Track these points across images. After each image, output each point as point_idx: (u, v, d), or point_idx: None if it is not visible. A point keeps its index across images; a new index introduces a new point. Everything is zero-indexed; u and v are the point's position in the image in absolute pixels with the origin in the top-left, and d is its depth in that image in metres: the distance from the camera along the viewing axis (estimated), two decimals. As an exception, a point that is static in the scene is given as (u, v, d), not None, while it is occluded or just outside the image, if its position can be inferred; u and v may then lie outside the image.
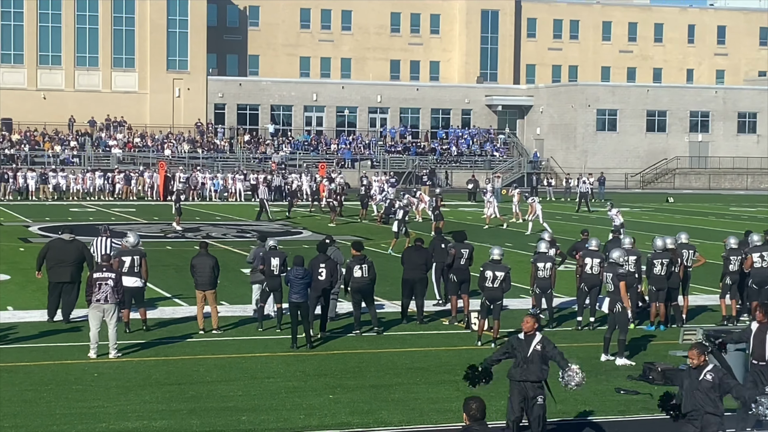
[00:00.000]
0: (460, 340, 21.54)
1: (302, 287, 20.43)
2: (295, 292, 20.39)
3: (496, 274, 20.88)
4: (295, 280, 20.43)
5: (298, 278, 20.45)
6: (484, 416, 9.97)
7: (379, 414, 15.62)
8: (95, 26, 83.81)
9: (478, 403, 9.96)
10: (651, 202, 69.99)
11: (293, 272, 20.55)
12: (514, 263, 27.53)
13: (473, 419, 9.97)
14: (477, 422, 9.96)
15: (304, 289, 20.46)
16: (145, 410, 15.61)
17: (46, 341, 20.58)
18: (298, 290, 20.40)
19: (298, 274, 20.51)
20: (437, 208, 43.33)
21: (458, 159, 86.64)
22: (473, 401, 9.98)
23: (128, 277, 21.51)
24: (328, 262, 21.63)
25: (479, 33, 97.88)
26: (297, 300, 20.39)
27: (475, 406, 9.95)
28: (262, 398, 16.44)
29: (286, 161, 79.41)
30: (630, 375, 18.41)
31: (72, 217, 49.83)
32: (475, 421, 9.97)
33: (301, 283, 20.42)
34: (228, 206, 61.40)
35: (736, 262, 24.19)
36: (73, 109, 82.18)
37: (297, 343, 20.34)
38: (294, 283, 20.42)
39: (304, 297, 20.46)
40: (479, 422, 9.97)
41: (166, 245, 36.74)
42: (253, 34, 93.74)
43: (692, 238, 26.52)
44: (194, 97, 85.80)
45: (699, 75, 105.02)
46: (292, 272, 20.59)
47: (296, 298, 20.39)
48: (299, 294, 20.39)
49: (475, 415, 9.95)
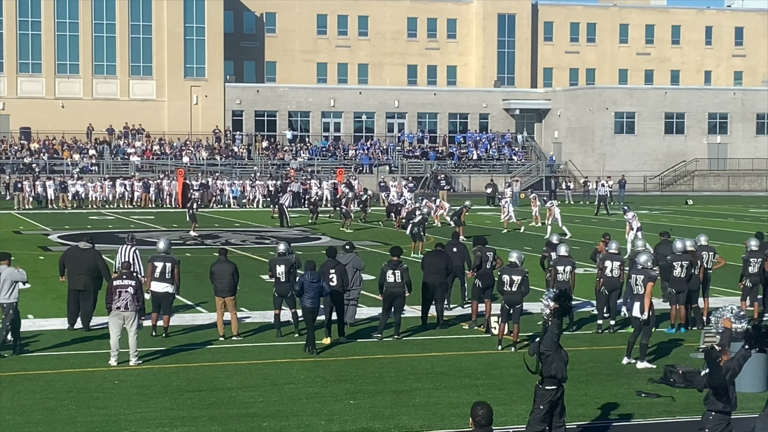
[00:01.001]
0: (480, 345, 21.50)
1: (315, 292, 20.44)
2: (309, 297, 20.39)
3: (513, 278, 20.86)
4: (308, 285, 20.44)
5: (313, 282, 20.46)
6: (490, 423, 10.03)
7: (400, 419, 15.60)
8: (113, 34, 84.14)
9: (485, 410, 10.05)
10: (670, 204, 69.76)
11: (307, 276, 20.56)
12: (534, 267, 27.47)
13: (478, 425, 10.01)
14: (482, 428, 10.00)
15: (317, 294, 20.48)
16: (165, 417, 15.63)
17: (67, 349, 20.63)
18: (312, 295, 20.41)
19: (313, 278, 20.51)
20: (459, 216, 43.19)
21: (477, 163, 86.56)
22: (480, 407, 10.06)
23: (158, 282, 21.66)
24: (337, 267, 21.65)
25: (496, 37, 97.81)
26: (311, 305, 20.40)
27: (482, 412, 10.03)
28: (283, 404, 16.44)
29: (304, 167, 79.52)
30: (651, 378, 18.35)
31: (91, 225, 49.99)
32: (481, 428, 10.01)
33: (315, 288, 20.43)
34: (247, 213, 61.51)
35: (756, 264, 24.10)
36: (92, 117, 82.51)
37: (316, 348, 20.34)
38: (307, 287, 20.43)
39: (317, 302, 20.47)
40: (485, 428, 10.00)
41: (185, 252, 36.82)
42: (270, 40, 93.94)
43: (712, 240, 26.42)
44: (212, 104, 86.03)
45: (717, 76, 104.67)
46: (305, 277, 20.60)
47: (310, 303, 20.39)
48: (313, 299, 20.40)
49: (480, 422, 10.02)
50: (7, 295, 20.07)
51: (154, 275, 21.83)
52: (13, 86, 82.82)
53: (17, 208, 61.74)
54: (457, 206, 46.27)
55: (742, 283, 24.24)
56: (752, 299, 24.31)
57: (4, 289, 20.09)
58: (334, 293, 21.34)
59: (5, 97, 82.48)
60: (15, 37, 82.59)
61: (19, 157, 76.26)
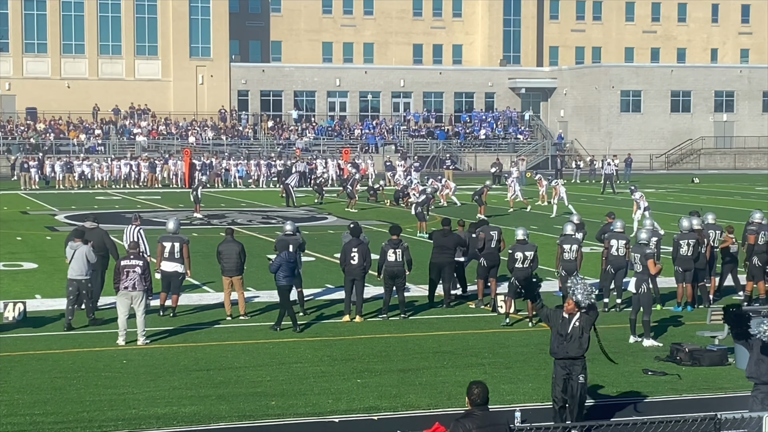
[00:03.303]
0: (486, 324, 21.55)
1: (291, 270, 20.67)
2: (285, 275, 20.57)
3: (526, 254, 21.05)
4: (285, 264, 20.53)
5: (290, 261, 20.57)
6: (486, 402, 10.08)
7: (407, 398, 15.65)
8: (118, 14, 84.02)
9: (480, 388, 10.10)
10: (676, 182, 69.68)
11: (283, 255, 20.67)
12: (541, 245, 27.45)
13: (474, 404, 10.06)
14: (479, 407, 10.05)
15: (292, 272, 20.72)
16: (173, 396, 15.69)
17: (75, 329, 20.70)
18: (288, 273, 20.63)
19: (289, 257, 20.62)
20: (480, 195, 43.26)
21: (483, 143, 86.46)
22: (476, 386, 10.11)
23: (168, 262, 21.79)
24: (360, 246, 21.71)
25: (502, 15, 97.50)
26: (287, 283, 20.64)
27: (477, 391, 10.08)
28: (291, 383, 16.50)
29: (310, 147, 79.49)
30: (657, 356, 18.38)
31: (98, 206, 50.05)
32: (477, 406, 10.05)
33: (290, 266, 20.61)
34: (253, 192, 61.54)
35: (763, 240, 24.10)
36: (97, 97, 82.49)
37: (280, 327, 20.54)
38: (285, 266, 20.53)
39: (292, 280, 20.76)
40: (481, 407, 10.05)
41: (192, 232, 36.86)
42: (275, 20, 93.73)
43: (718, 219, 26.40)
44: (217, 84, 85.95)
45: (723, 54, 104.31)
46: (283, 256, 20.69)
47: (286, 281, 20.62)
48: (288, 277, 20.64)
49: (475, 400, 10.07)
50: (81, 272, 20.84)
51: (164, 255, 21.91)
52: (18, 67, 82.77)
53: (24, 188, 61.84)
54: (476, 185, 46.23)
55: (749, 261, 24.20)
56: (757, 278, 24.27)
57: (78, 266, 20.82)
58: (357, 272, 21.42)
59: (11, 77, 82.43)
60: (20, 17, 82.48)
61: (26, 138, 76.29)
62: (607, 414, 14.68)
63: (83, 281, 20.86)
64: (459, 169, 78.05)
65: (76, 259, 20.91)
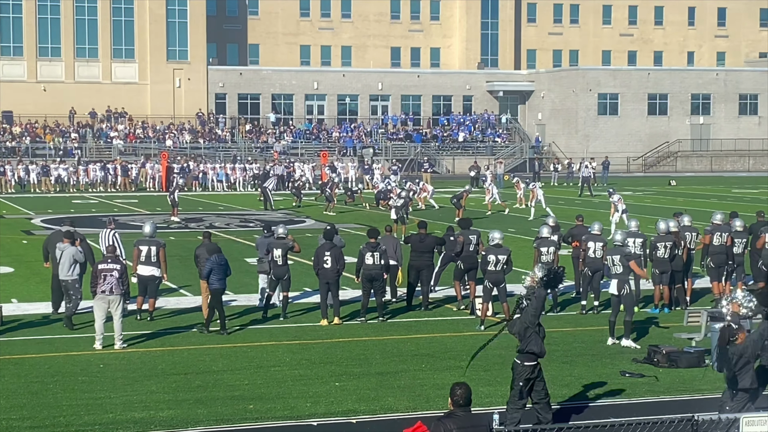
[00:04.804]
0: (465, 326, 21.58)
1: (223, 273, 20.74)
2: (218, 278, 20.63)
3: (499, 257, 20.97)
4: (217, 267, 20.56)
5: (221, 265, 20.61)
6: (469, 403, 10.09)
7: (386, 401, 15.66)
8: (94, 17, 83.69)
9: (463, 389, 10.11)
10: (653, 185, 69.96)
11: (215, 258, 20.73)
12: (517, 248, 27.55)
13: (456, 405, 10.07)
14: (461, 408, 10.06)
15: (225, 275, 20.79)
16: (151, 400, 15.65)
17: (52, 333, 20.62)
18: (221, 276, 20.69)
19: (221, 260, 20.71)
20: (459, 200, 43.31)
21: (461, 146, 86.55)
22: (458, 387, 10.12)
23: (144, 266, 21.76)
24: (333, 249, 21.71)
25: (479, 18, 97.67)
26: (220, 286, 20.67)
27: (460, 392, 10.09)
28: (269, 387, 16.48)
29: (287, 150, 79.38)
30: (635, 358, 18.46)
31: (74, 209, 49.85)
32: (459, 407, 10.06)
33: (223, 269, 20.70)
34: (231, 196, 61.43)
35: (740, 245, 24.26)
36: (74, 100, 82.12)
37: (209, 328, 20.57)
38: (216, 270, 20.58)
39: (224, 283, 20.83)
40: (463, 408, 10.06)
41: (169, 236, 36.77)
42: (252, 23, 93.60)
43: (695, 221, 26.53)
44: (195, 87, 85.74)
45: (700, 57, 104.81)
46: (214, 259, 20.75)
47: (219, 284, 20.67)
48: (221, 280, 20.70)
49: (458, 401, 10.08)
50: (70, 272, 20.94)
51: (140, 259, 21.87)
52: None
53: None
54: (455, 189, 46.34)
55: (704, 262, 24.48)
56: (737, 279, 24.42)
57: (66, 267, 20.96)
58: (331, 275, 21.43)
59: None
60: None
61: (1, 141, 75.89)
62: (584, 416, 14.72)
63: (71, 281, 20.88)
64: (437, 172, 78.11)
65: (65, 260, 20.86)
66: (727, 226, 24.44)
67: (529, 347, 13.79)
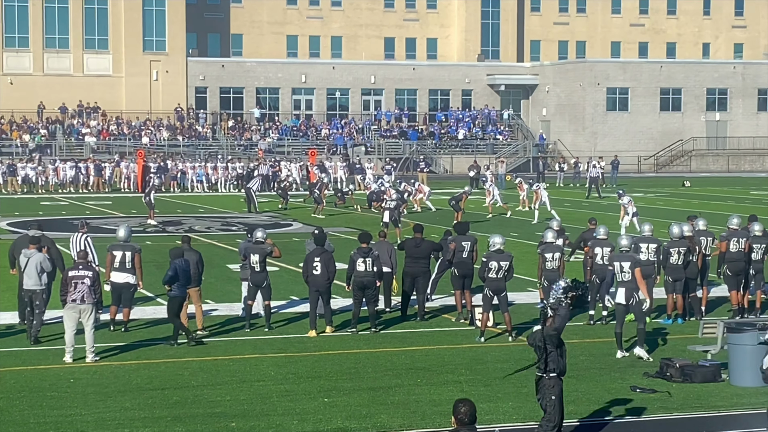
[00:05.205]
0: (464, 338, 21.58)
1: (186, 280, 20.76)
2: (181, 284, 20.62)
3: (501, 264, 20.96)
4: (181, 272, 20.61)
5: (185, 270, 20.63)
6: (474, 420, 10.10)
7: (378, 418, 15.65)
8: (65, 5, 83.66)
9: (468, 407, 10.12)
10: (666, 186, 70.07)
11: (178, 264, 20.71)
12: (521, 254, 27.58)
13: (461, 423, 10.08)
14: (466, 426, 10.07)
15: (187, 281, 20.80)
16: (125, 418, 15.62)
17: (18, 345, 20.59)
18: (184, 282, 20.70)
19: (183, 265, 20.69)
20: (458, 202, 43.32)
21: (460, 143, 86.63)
22: (462, 404, 10.14)
23: (119, 273, 21.70)
24: (323, 255, 21.71)
25: (480, 7, 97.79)
26: (181, 293, 20.72)
27: (464, 409, 10.10)
28: (252, 403, 16.47)
29: (273, 148, 79.40)
30: (646, 372, 18.46)
31: (43, 212, 49.80)
32: (464, 425, 10.07)
33: (186, 275, 20.74)
34: (212, 197, 61.42)
35: (760, 251, 24.24)
36: (43, 94, 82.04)
37: (178, 340, 20.58)
38: (180, 275, 20.65)
39: (185, 291, 20.82)
40: (468, 426, 10.06)
41: (146, 240, 36.74)
42: (235, 11, 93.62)
43: (711, 225, 26.56)
44: (173, 81, 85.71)
45: (716, 49, 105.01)
46: (179, 263, 20.74)
47: (180, 291, 20.69)
48: (183, 287, 20.72)
49: (463, 419, 10.10)
50: (37, 281, 20.75)
51: (114, 265, 21.82)
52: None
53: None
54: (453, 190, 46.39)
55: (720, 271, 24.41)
56: (756, 287, 24.41)
57: (32, 276, 20.76)
58: (321, 283, 21.45)
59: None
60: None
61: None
62: (593, 434, 14.74)
63: (38, 291, 20.68)
64: (434, 172, 78.19)
65: (31, 268, 20.72)
66: (745, 231, 24.38)
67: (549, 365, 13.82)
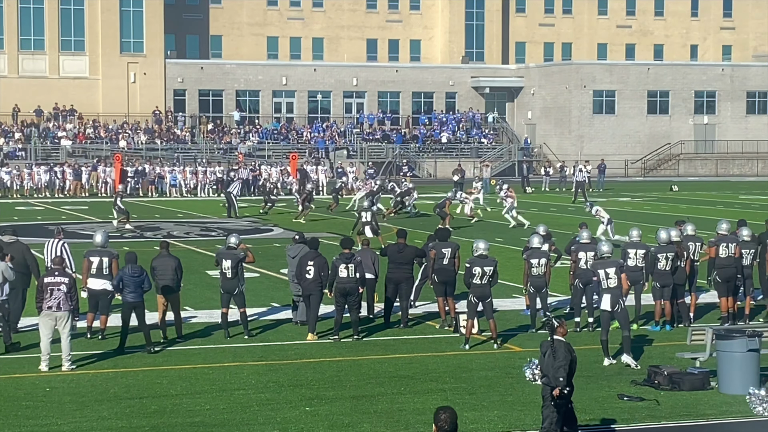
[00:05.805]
0: (448, 345, 21.58)
1: (137, 286, 20.63)
2: (130, 291, 20.56)
3: (485, 269, 20.93)
4: (128, 279, 20.54)
5: (134, 276, 20.57)
6: (455, 428, 10.14)
7: (361, 427, 15.65)
8: (41, 5, 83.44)
9: (448, 414, 10.16)
10: (653, 190, 70.23)
11: (127, 270, 20.67)
12: (506, 260, 27.61)
13: (442, 430, 10.10)
14: None
15: (139, 288, 20.66)
16: (102, 427, 15.59)
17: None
18: (133, 289, 20.60)
19: (134, 272, 20.64)
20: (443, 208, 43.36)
21: (443, 147, 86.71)
22: (443, 411, 10.18)
23: (96, 279, 21.64)
24: (317, 259, 21.73)
25: (464, 8, 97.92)
26: (132, 300, 20.58)
27: (444, 416, 10.15)
28: (232, 412, 16.45)
29: (253, 152, 79.33)
30: (634, 380, 18.50)
31: (18, 217, 49.67)
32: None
33: (136, 282, 20.60)
34: (191, 202, 61.33)
35: (748, 256, 24.29)
36: (17, 97, 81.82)
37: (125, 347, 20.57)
38: (127, 281, 20.56)
39: (139, 297, 20.68)
40: None
41: (123, 245, 36.65)
42: (215, 12, 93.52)
43: (699, 230, 26.63)
44: (151, 83, 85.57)
45: (704, 51, 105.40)
46: (125, 270, 20.69)
47: (132, 297, 20.58)
48: (135, 293, 20.58)
49: (443, 427, 10.13)
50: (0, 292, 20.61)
51: (91, 271, 21.77)
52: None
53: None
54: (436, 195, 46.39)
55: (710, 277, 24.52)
56: (745, 294, 24.47)
57: None
58: (314, 287, 21.49)
59: None
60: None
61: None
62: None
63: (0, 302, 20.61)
64: (417, 176, 78.22)
65: None
66: (734, 236, 24.44)
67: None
